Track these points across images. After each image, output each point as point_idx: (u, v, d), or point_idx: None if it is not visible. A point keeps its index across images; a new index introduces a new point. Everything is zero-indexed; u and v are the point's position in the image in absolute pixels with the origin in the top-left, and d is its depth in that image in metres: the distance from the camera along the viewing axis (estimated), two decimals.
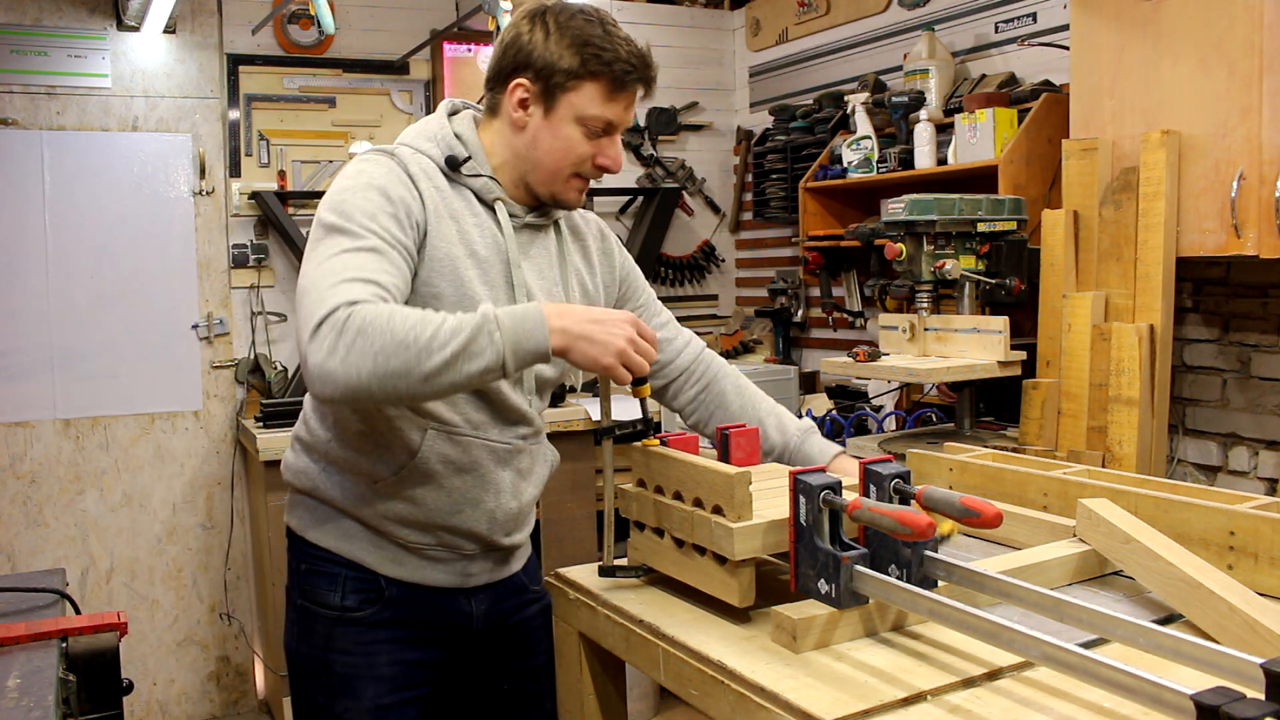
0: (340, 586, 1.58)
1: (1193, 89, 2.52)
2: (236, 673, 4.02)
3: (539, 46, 1.53)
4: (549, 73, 1.52)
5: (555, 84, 1.53)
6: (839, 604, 1.24)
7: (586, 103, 1.53)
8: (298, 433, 1.66)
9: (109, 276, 3.77)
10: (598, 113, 1.54)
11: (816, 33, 4.30)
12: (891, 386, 3.70)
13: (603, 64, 1.52)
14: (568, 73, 1.52)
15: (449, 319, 1.34)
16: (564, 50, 1.52)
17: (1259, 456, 2.77)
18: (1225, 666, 0.94)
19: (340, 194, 1.47)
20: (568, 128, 1.54)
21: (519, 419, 1.60)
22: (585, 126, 1.54)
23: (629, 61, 1.53)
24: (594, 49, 1.52)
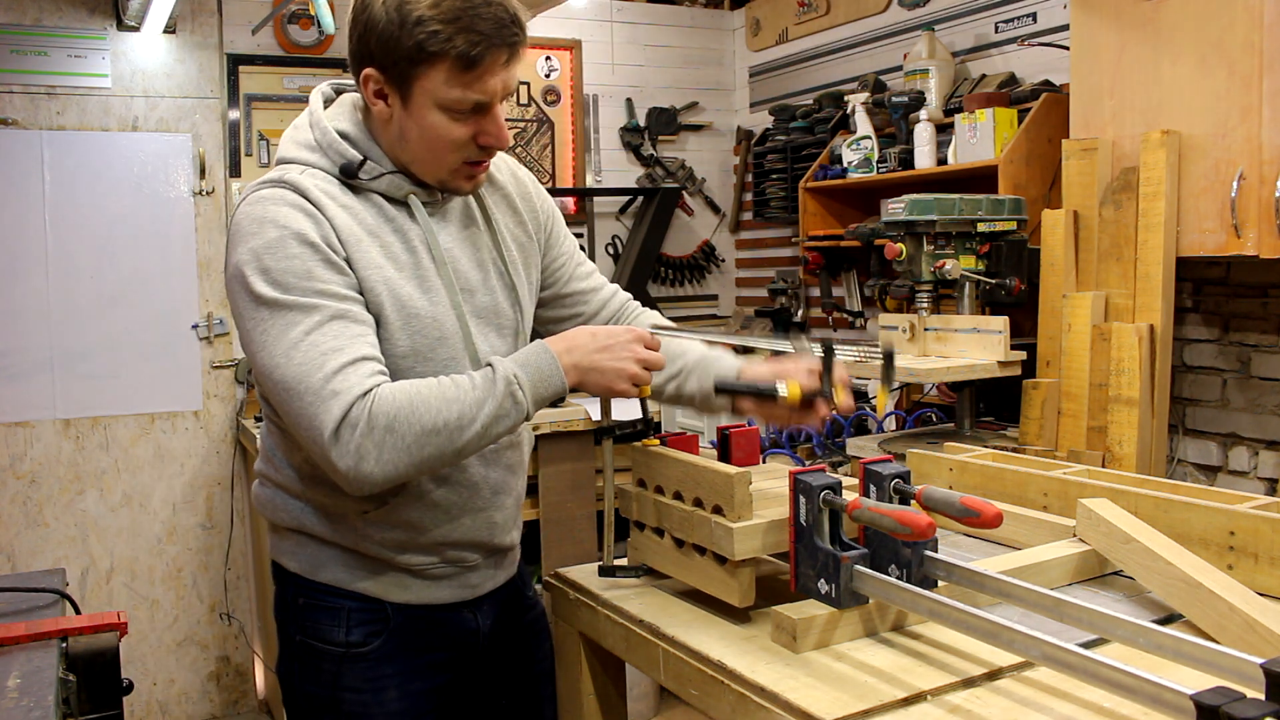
0: (344, 621, 1.48)
1: (1193, 89, 2.52)
2: (236, 673, 4.02)
3: (376, 29, 1.33)
4: (392, 60, 1.33)
5: (400, 71, 1.34)
6: (839, 604, 1.24)
7: (438, 87, 1.33)
8: (264, 470, 1.53)
9: (109, 276, 3.77)
10: (455, 95, 1.34)
11: (816, 33, 4.30)
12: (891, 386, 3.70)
13: (443, 41, 1.30)
14: (409, 58, 1.32)
15: (466, 388, 1.30)
16: (399, 32, 1.31)
17: (1259, 456, 2.77)
18: (1225, 666, 0.94)
19: (258, 255, 1.32)
20: (430, 115, 1.36)
21: None
22: (449, 110, 1.36)
23: (477, 29, 1.31)
24: (432, 25, 1.30)
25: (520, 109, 4.45)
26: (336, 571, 1.49)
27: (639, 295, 4.29)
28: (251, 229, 1.34)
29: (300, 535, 1.51)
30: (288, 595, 1.53)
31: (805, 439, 3.47)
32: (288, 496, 1.50)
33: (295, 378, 1.28)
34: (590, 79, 4.59)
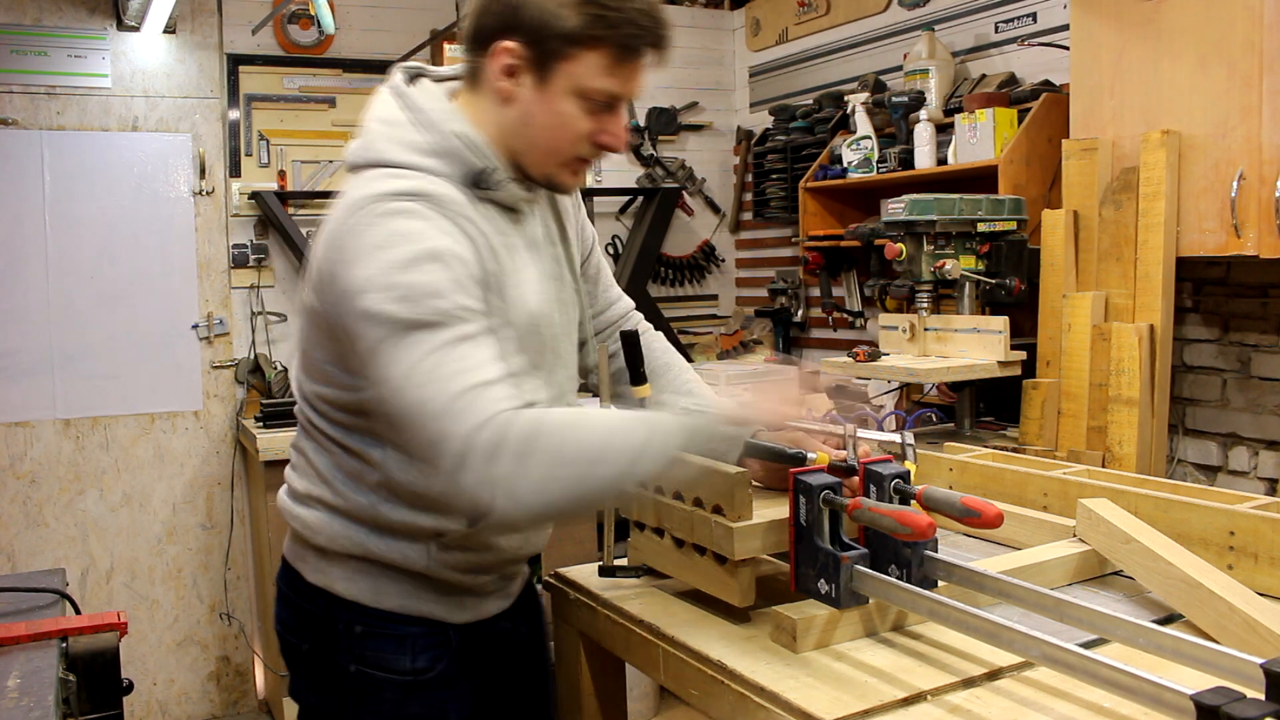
0: (410, 648, 1.39)
1: (1193, 89, 2.52)
2: (236, 673, 4.02)
3: (531, 2, 1.26)
4: (543, 36, 1.26)
5: (551, 50, 1.26)
6: (839, 604, 1.24)
7: (588, 73, 1.27)
8: (318, 494, 1.41)
9: (109, 276, 3.77)
10: (601, 85, 1.28)
11: (816, 33, 4.30)
12: (891, 386, 3.70)
13: (608, 26, 1.25)
14: (566, 37, 1.25)
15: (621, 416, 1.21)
16: (561, 7, 1.25)
17: (1259, 456, 2.77)
18: (1225, 667, 0.94)
19: (390, 273, 1.19)
20: (565, 102, 1.29)
21: None
22: (586, 100, 1.29)
23: (639, 23, 1.27)
24: (598, 7, 1.25)
25: None
26: (401, 598, 1.40)
27: (639, 295, 4.30)
28: (381, 242, 1.21)
29: (360, 561, 1.40)
30: (339, 622, 1.41)
31: None
32: (350, 522, 1.39)
33: (418, 401, 1.15)
34: None
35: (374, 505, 1.37)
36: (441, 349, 1.16)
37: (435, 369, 1.15)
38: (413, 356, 1.16)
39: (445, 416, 1.13)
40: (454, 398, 1.14)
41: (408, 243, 1.21)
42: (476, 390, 1.15)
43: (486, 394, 1.15)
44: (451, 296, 1.19)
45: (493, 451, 1.11)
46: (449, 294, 1.19)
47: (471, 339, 1.19)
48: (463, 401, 1.13)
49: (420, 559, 1.39)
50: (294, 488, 1.45)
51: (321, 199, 4.02)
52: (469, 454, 1.11)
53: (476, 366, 1.17)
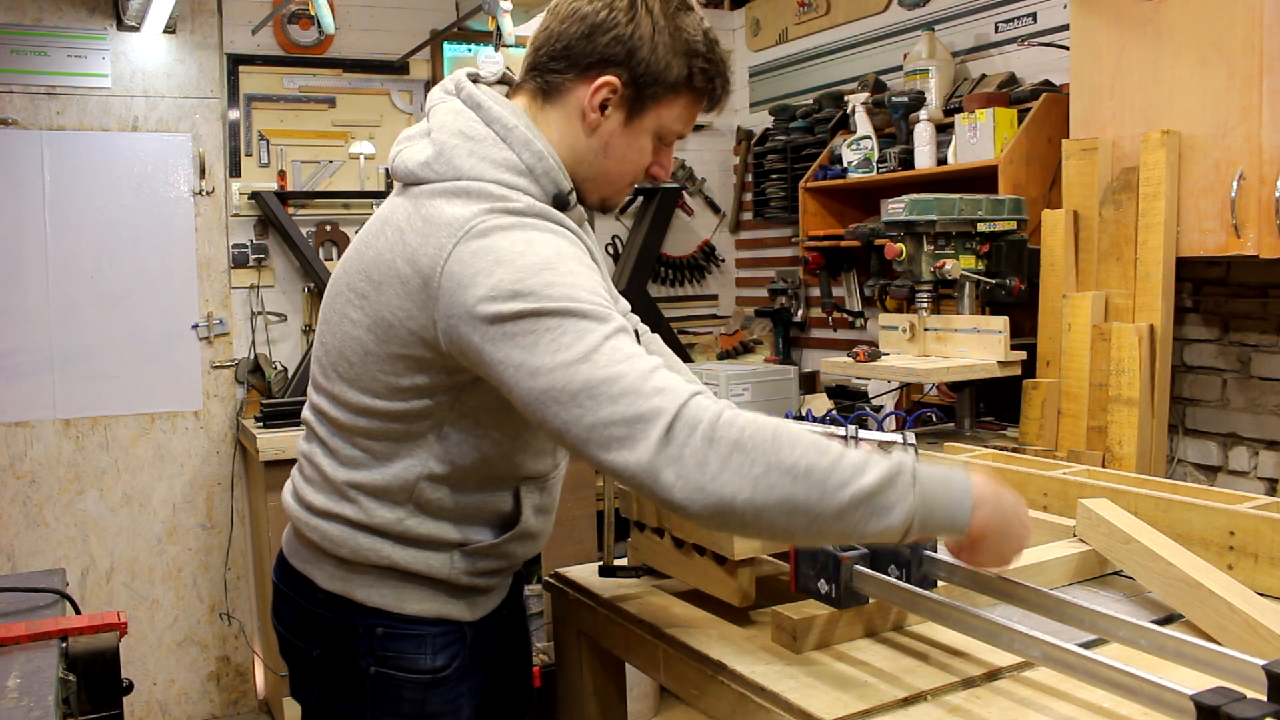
0: (430, 648, 1.40)
1: (1193, 89, 2.52)
2: (236, 673, 4.02)
3: (643, 45, 1.28)
4: (648, 80, 1.29)
5: (650, 94, 1.30)
6: (839, 604, 1.24)
7: (673, 117, 1.33)
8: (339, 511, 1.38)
9: (109, 276, 3.77)
10: (680, 128, 1.36)
11: (816, 33, 4.30)
12: (891, 386, 3.70)
13: (706, 79, 1.33)
14: (670, 85, 1.30)
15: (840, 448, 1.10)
16: (671, 58, 1.29)
17: (1259, 456, 2.77)
18: (1226, 668, 0.94)
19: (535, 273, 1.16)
20: (644, 139, 1.34)
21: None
22: (660, 139, 1.36)
23: (724, 75, 1.36)
24: (703, 62, 1.31)
25: None
26: (422, 602, 1.40)
27: (639, 295, 4.30)
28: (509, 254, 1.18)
29: (384, 570, 1.39)
30: (357, 626, 1.40)
31: None
32: (375, 536, 1.37)
33: (608, 378, 1.10)
34: None
35: (401, 520, 1.36)
36: (614, 335, 1.14)
37: (615, 351, 1.12)
38: (589, 340, 1.12)
39: (638, 396, 1.08)
40: (643, 377, 1.10)
41: (541, 249, 1.19)
42: (661, 372, 1.11)
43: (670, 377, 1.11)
44: (601, 294, 1.19)
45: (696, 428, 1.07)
46: (599, 290, 1.19)
47: (627, 332, 1.17)
48: (653, 382, 1.09)
49: (443, 567, 1.39)
50: (310, 501, 1.42)
51: (321, 199, 4.02)
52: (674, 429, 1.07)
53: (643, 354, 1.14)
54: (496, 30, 3.31)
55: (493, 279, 1.16)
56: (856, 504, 1.06)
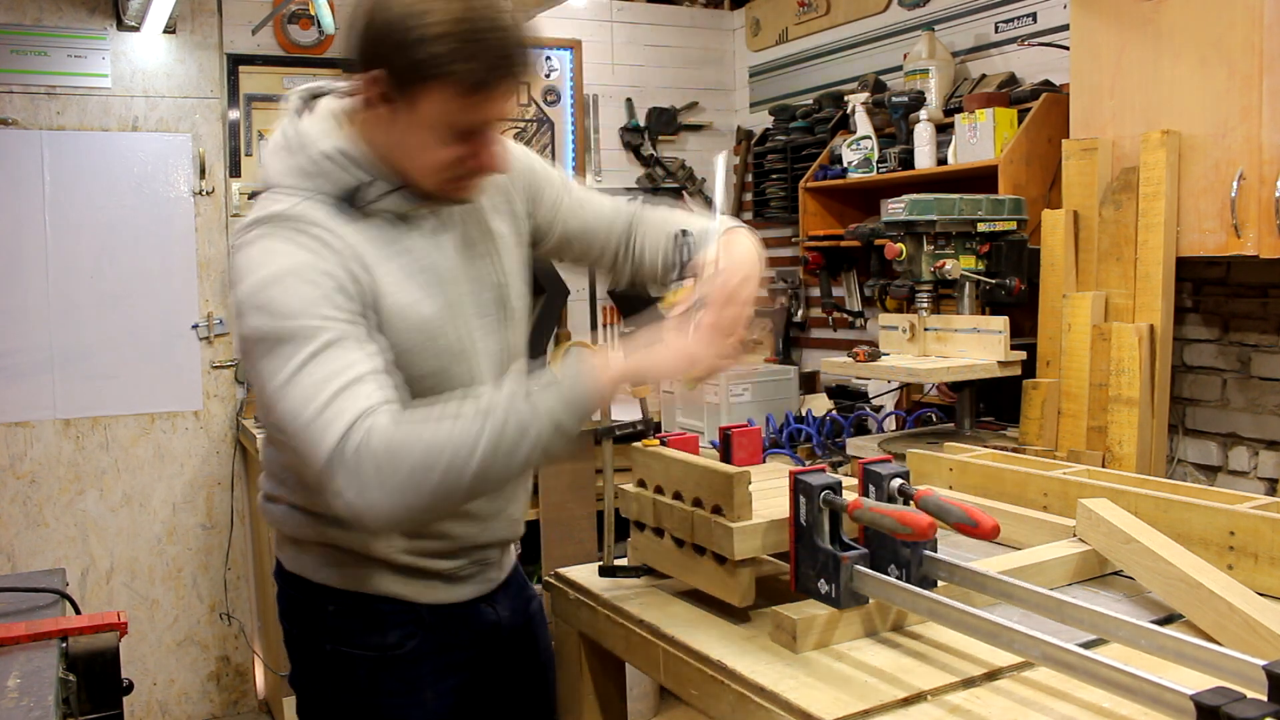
0: (379, 625, 1.46)
1: (1193, 89, 2.52)
2: (236, 673, 4.02)
3: (392, 33, 1.24)
4: (402, 67, 1.25)
5: (409, 80, 1.26)
6: (839, 604, 1.24)
7: (441, 107, 1.27)
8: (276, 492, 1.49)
9: (109, 276, 3.77)
10: (457, 118, 1.28)
11: (816, 33, 4.30)
12: (891, 386, 3.70)
13: (464, 59, 1.23)
14: (418, 72, 1.25)
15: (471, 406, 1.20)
16: (413, 41, 1.23)
17: (1259, 456, 2.77)
18: (1226, 668, 0.94)
19: (257, 292, 1.25)
20: (427, 131, 1.29)
21: None
22: (445, 132, 1.29)
23: (490, 56, 1.24)
24: (445, 44, 1.23)
25: (520, 109, 4.44)
26: (367, 580, 1.45)
27: (639, 296, 4.29)
28: (254, 265, 1.28)
29: (326, 548, 1.46)
30: (314, 605, 1.48)
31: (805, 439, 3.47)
32: (310, 515, 1.44)
33: (289, 413, 1.21)
34: (590, 79, 4.59)
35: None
36: (308, 360, 1.21)
37: (302, 380, 1.20)
38: (285, 370, 1.21)
39: (310, 429, 1.18)
40: (320, 408, 1.19)
41: (271, 262, 1.26)
42: (342, 394, 1.19)
43: (353, 394, 1.19)
44: (314, 308, 1.24)
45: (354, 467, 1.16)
46: (312, 306, 1.24)
47: (337, 343, 1.23)
48: (329, 411, 1.18)
49: (382, 546, 1.44)
50: (264, 488, 1.53)
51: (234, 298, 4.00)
52: (329, 468, 1.17)
53: (342, 369, 1.21)
54: None
55: (235, 294, 1.29)
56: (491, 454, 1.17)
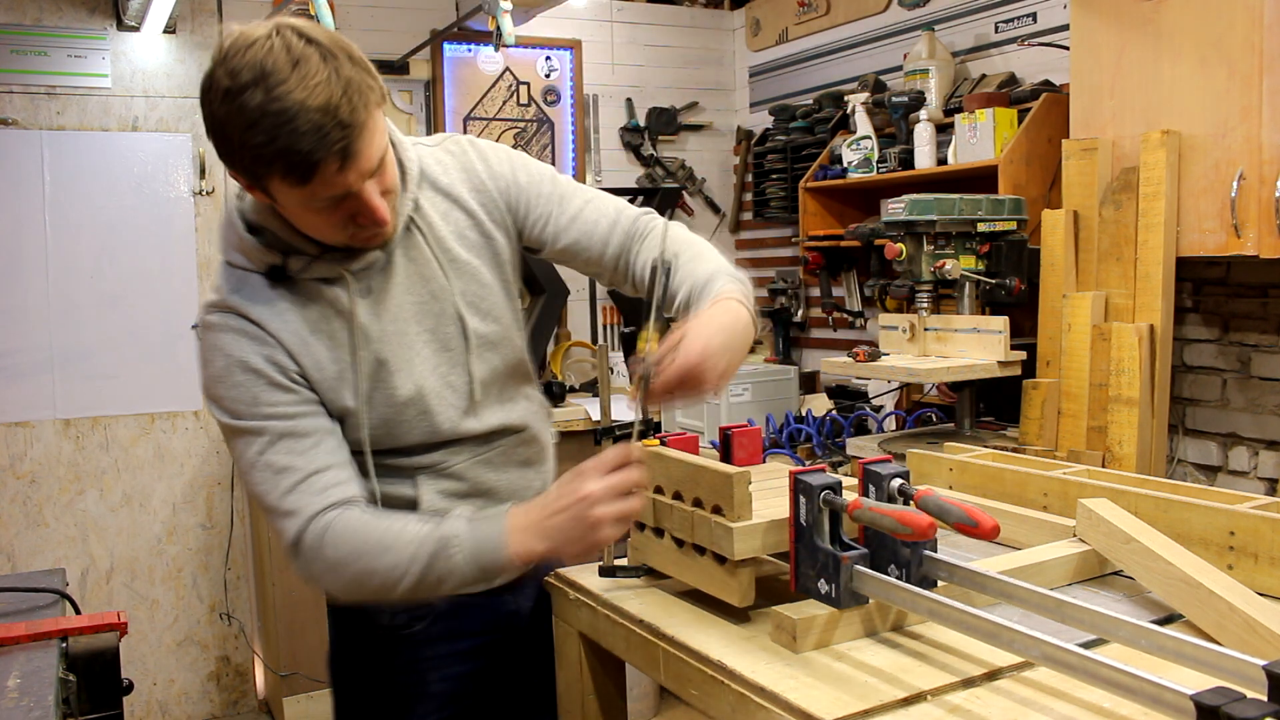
0: (389, 606, 1.51)
1: (1193, 89, 2.52)
2: (236, 673, 4.02)
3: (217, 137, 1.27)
4: (238, 170, 1.27)
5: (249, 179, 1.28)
6: (839, 604, 1.24)
7: (287, 196, 1.27)
8: None
9: (109, 276, 3.77)
10: (305, 199, 1.27)
11: (816, 33, 4.30)
12: (891, 386, 3.70)
13: (266, 165, 1.22)
14: (245, 173, 1.27)
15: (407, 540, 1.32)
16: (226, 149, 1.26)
17: (1259, 456, 2.77)
18: (1226, 668, 0.94)
19: (213, 386, 1.38)
20: (297, 211, 1.31)
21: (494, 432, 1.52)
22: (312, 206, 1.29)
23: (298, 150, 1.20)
24: (249, 152, 1.22)
25: (520, 109, 4.45)
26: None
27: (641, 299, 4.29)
28: (207, 357, 1.39)
29: None
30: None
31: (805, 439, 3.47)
32: None
33: (259, 496, 1.38)
34: (590, 79, 4.59)
35: None
36: (261, 453, 1.36)
37: (260, 471, 1.36)
38: (247, 455, 1.37)
39: (276, 514, 1.36)
40: (281, 496, 1.35)
41: (215, 359, 1.37)
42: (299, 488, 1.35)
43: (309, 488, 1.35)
44: (265, 400, 1.36)
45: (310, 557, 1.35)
46: (263, 399, 1.36)
47: (290, 435, 1.36)
48: (287, 501, 1.35)
49: None
50: None
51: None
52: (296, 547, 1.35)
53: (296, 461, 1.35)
54: (496, 30, 3.31)
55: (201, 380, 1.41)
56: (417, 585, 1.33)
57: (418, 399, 1.44)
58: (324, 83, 1.21)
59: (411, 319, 1.44)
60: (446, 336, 1.46)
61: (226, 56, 1.22)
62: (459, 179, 1.51)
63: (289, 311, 1.38)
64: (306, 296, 1.39)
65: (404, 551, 1.32)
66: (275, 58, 1.20)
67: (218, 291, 1.41)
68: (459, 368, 1.47)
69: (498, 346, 1.52)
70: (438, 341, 1.46)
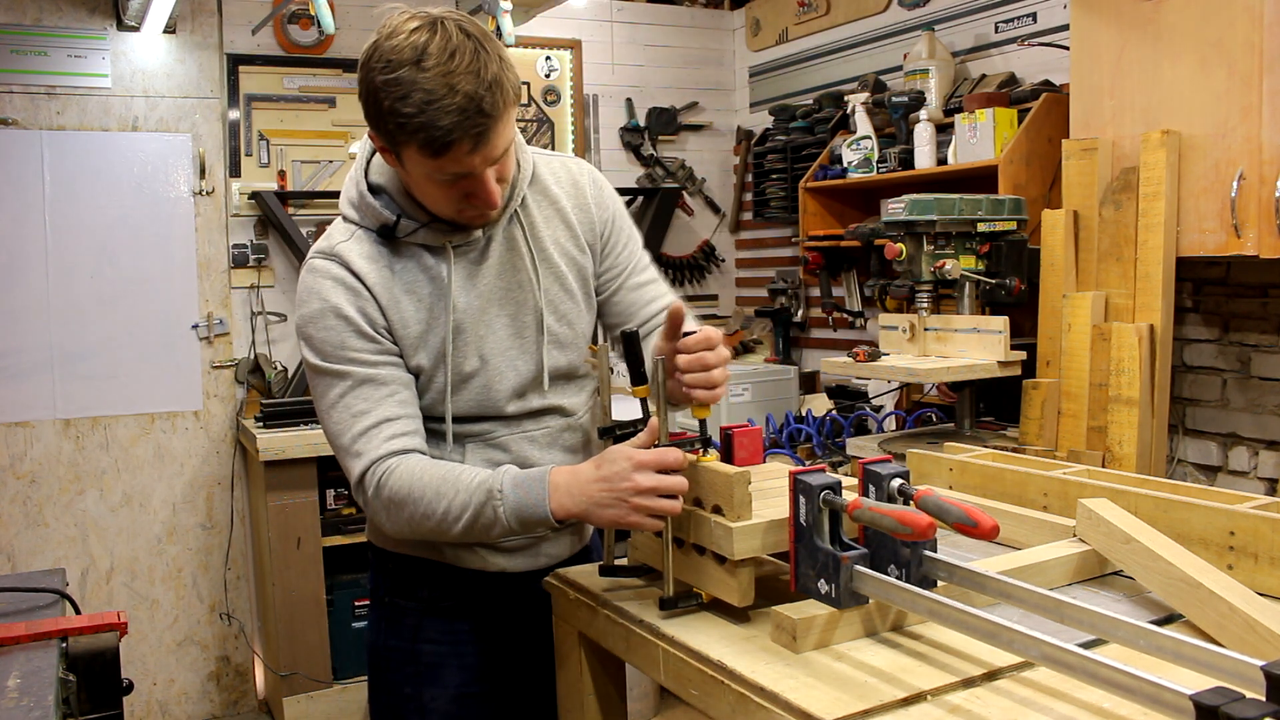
0: (424, 580, 1.65)
1: (1193, 89, 2.52)
2: (236, 673, 4.02)
3: (366, 103, 1.40)
4: (382, 132, 1.41)
5: (389, 142, 1.42)
6: (839, 604, 1.24)
7: (416, 165, 1.41)
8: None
9: (109, 276, 3.77)
10: (433, 171, 1.41)
11: (816, 33, 4.30)
12: (891, 386, 3.70)
13: (409, 133, 1.36)
14: (388, 136, 1.40)
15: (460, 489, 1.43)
16: (376, 112, 1.39)
17: (1259, 456, 2.77)
18: (1225, 668, 0.94)
19: (306, 325, 1.51)
20: (421, 178, 1.45)
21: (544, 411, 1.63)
22: (435, 179, 1.43)
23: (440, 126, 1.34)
24: (397, 118, 1.35)
25: (520, 109, 4.45)
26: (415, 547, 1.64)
27: None
28: (304, 297, 1.52)
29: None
30: (381, 563, 1.71)
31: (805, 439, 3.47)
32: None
33: (333, 434, 1.51)
34: (590, 79, 4.59)
35: None
36: (340, 397, 1.50)
37: (337, 412, 1.50)
38: (327, 396, 1.51)
39: (347, 454, 1.50)
40: (354, 439, 1.48)
41: (312, 300, 1.51)
42: (369, 433, 1.48)
43: (378, 434, 1.48)
44: (349, 345, 1.49)
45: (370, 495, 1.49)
46: (346, 343, 1.49)
47: (371, 383, 1.49)
48: (359, 442, 1.48)
49: None
50: None
51: (321, 199, 4.02)
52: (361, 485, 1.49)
53: (365, 410, 1.49)
54: (496, 30, 3.31)
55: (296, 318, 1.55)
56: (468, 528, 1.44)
57: (481, 372, 1.56)
58: (473, 73, 1.34)
59: (495, 300, 1.57)
60: (522, 325, 1.59)
61: (393, 33, 1.36)
62: (569, 193, 1.65)
63: (388, 269, 1.52)
64: (407, 257, 1.53)
65: (456, 499, 1.43)
66: (435, 42, 1.34)
67: (328, 239, 1.54)
68: (528, 355, 1.60)
69: (566, 348, 1.63)
70: (514, 327, 1.59)
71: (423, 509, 1.44)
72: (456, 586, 1.65)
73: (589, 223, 1.65)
